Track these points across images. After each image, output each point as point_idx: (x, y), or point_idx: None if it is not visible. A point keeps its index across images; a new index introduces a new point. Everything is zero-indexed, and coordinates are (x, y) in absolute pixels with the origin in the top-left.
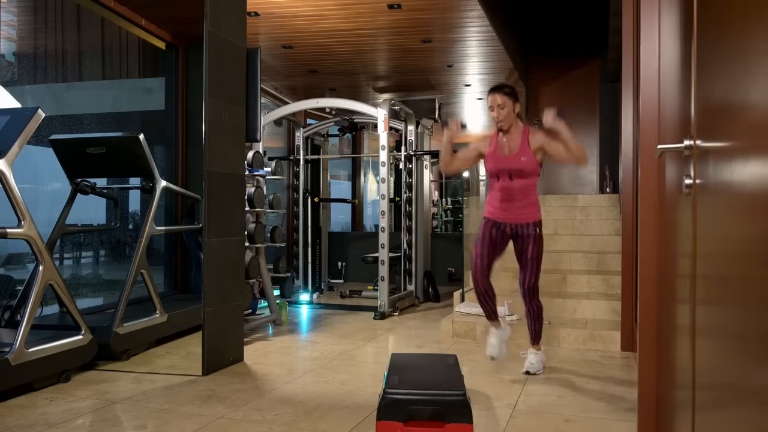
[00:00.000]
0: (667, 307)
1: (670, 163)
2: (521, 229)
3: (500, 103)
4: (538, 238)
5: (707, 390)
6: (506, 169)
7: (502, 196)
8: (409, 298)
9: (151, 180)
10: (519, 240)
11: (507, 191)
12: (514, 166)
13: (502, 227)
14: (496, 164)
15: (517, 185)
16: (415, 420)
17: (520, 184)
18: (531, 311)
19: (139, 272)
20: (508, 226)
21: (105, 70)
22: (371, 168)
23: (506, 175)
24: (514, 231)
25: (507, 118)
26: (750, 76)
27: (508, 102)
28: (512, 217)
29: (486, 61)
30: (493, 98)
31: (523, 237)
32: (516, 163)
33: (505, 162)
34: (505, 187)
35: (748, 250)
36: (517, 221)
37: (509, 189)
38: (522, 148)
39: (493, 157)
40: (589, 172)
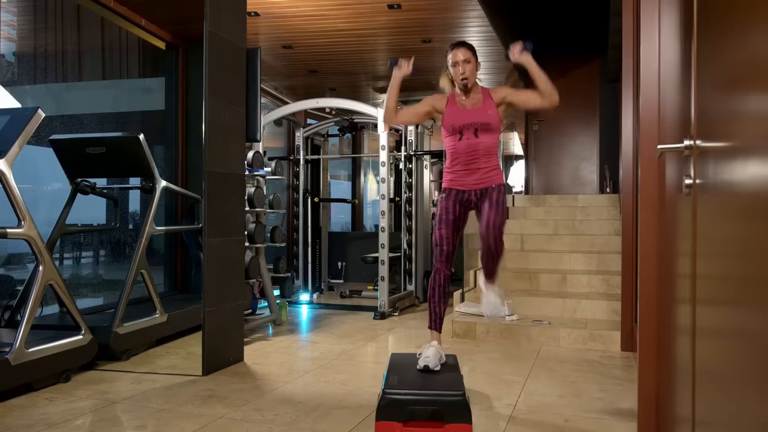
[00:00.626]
0: (667, 307)
1: (670, 163)
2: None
3: (465, 57)
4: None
5: (707, 390)
6: (471, 124)
7: (467, 158)
8: (409, 298)
9: (151, 180)
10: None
11: (472, 151)
12: (481, 120)
13: (466, 195)
14: (460, 119)
15: (484, 143)
16: (415, 420)
17: (487, 141)
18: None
19: (139, 272)
20: (473, 192)
21: (105, 70)
22: (371, 168)
23: (471, 130)
24: (478, 196)
25: (472, 74)
26: (750, 76)
27: (472, 58)
28: (478, 181)
29: (486, 61)
30: (456, 53)
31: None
32: (482, 116)
33: (469, 116)
34: (470, 145)
35: (748, 250)
36: (483, 185)
37: (475, 147)
38: (485, 102)
39: (455, 112)
40: (589, 172)
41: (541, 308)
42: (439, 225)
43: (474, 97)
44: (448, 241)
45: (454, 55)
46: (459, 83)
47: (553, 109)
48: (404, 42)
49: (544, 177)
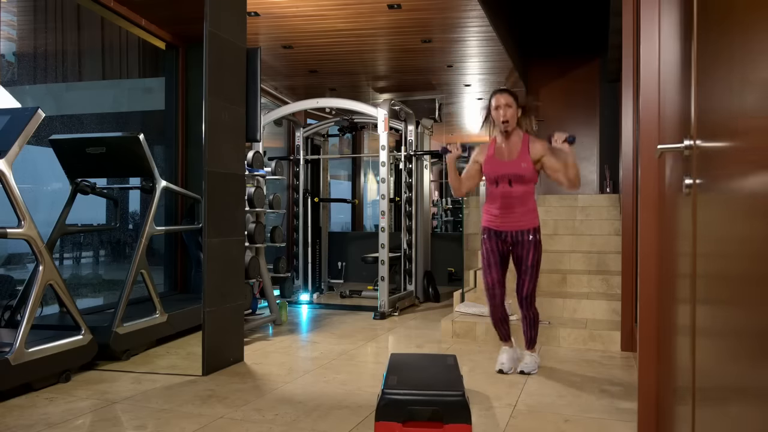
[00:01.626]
0: (667, 307)
1: (670, 163)
2: (521, 236)
3: (507, 102)
4: (538, 244)
5: (707, 390)
6: (506, 175)
7: (502, 203)
8: (409, 298)
9: (151, 180)
10: (518, 247)
11: (506, 198)
12: (514, 172)
13: (503, 236)
14: (496, 169)
15: (517, 192)
16: (414, 420)
17: (520, 190)
18: (528, 318)
19: (139, 272)
20: (509, 234)
21: (105, 70)
22: (371, 168)
23: (506, 181)
24: (514, 238)
25: (513, 118)
26: (750, 76)
27: (513, 103)
28: (512, 224)
29: (486, 61)
30: (498, 98)
31: (523, 243)
32: (516, 169)
33: (504, 167)
34: (504, 193)
35: (748, 250)
36: (517, 228)
37: (509, 195)
38: (522, 154)
39: (492, 162)
40: (589, 172)
41: (541, 308)
42: (488, 269)
43: (513, 143)
44: (499, 285)
45: (497, 99)
46: (500, 126)
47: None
48: (404, 42)
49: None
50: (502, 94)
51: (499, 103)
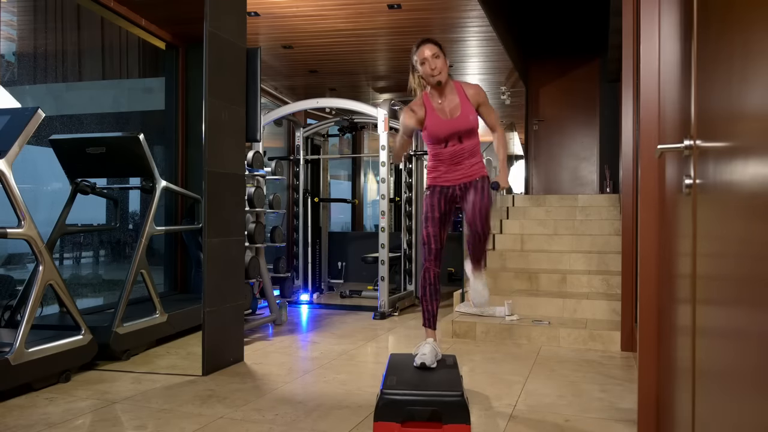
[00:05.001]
0: (667, 307)
1: (670, 163)
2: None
3: (433, 52)
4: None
5: (707, 390)
6: (456, 133)
7: (452, 160)
8: (409, 298)
9: (151, 180)
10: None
11: (457, 154)
12: (464, 127)
13: (450, 191)
14: (443, 130)
15: (468, 146)
16: (413, 421)
17: (470, 143)
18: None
19: (139, 272)
20: (457, 187)
21: (105, 70)
22: (371, 168)
23: (456, 138)
24: (462, 189)
25: (443, 69)
26: (750, 75)
27: (440, 52)
28: (460, 178)
29: (486, 61)
30: (423, 50)
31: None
32: (465, 124)
33: (452, 125)
34: (455, 150)
35: (748, 250)
36: (466, 180)
37: (460, 151)
38: (464, 105)
39: (437, 123)
40: (589, 172)
41: (541, 308)
42: (425, 223)
43: (450, 97)
44: (436, 239)
45: (421, 52)
46: (431, 81)
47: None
48: (404, 42)
49: (544, 177)
50: (425, 45)
51: (424, 55)
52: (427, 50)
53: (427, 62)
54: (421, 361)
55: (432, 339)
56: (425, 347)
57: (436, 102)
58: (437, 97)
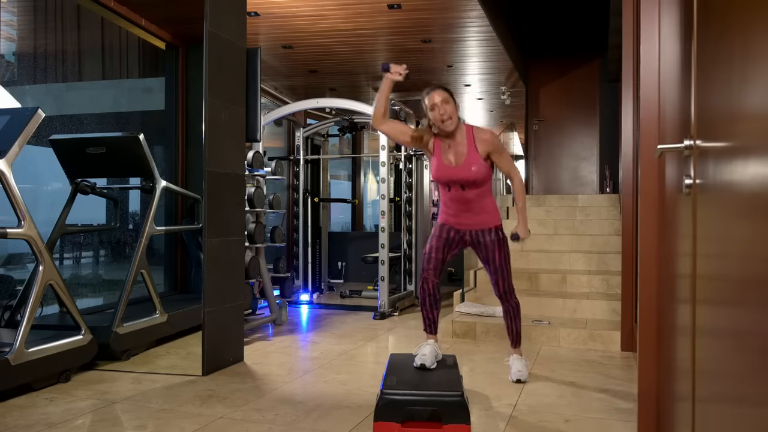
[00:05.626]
0: (667, 307)
1: (670, 163)
2: (481, 236)
3: (442, 98)
4: (503, 242)
5: (707, 390)
6: (457, 181)
7: (458, 206)
8: (409, 298)
9: (151, 180)
10: (482, 248)
11: (461, 201)
12: (465, 177)
13: (461, 233)
14: (445, 175)
15: (471, 195)
16: (413, 421)
17: (474, 193)
18: (509, 311)
19: (139, 272)
20: (467, 233)
21: (105, 70)
22: (371, 168)
23: (458, 186)
24: (475, 238)
25: (453, 116)
26: (750, 75)
27: (449, 98)
28: (471, 224)
29: (486, 61)
30: (433, 96)
31: (486, 244)
32: (466, 174)
33: (454, 173)
34: (458, 197)
35: (749, 250)
36: (477, 228)
37: (464, 198)
38: (470, 155)
39: (440, 167)
40: (589, 172)
41: (541, 308)
42: (431, 239)
43: (458, 143)
44: (437, 251)
45: (431, 98)
46: (441, 126)
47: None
48: (404, 42)
49: (544, 177)
50: (435, 91)
51: (434, 101)
52: (437, 96)
53: (436, 108)
54: (421, 362)
55: (433, 340)
56: (425, 348)
57: (444, 147)
58: (446, 142)
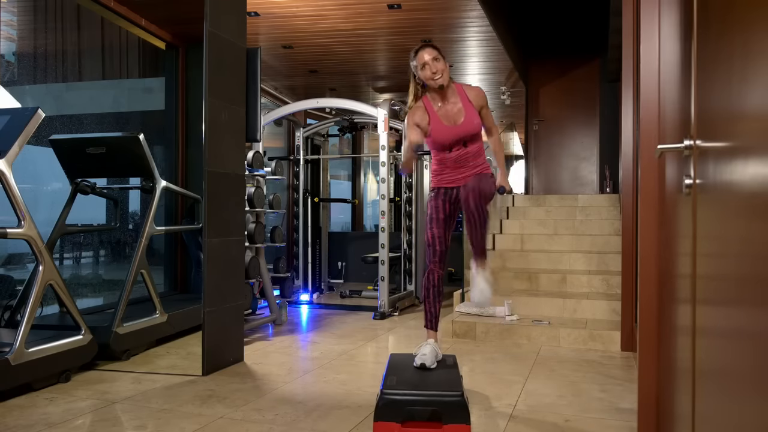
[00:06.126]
0: (667, 307)
1: (670, 163)
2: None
3: (432, 56)
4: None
5: (707, 390)
6: (461, 138)
7: (456, 164)
8: (409, 298)
9: (151, 180)
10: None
11: (462, 158)
12: (469, 132)
13: (455, 191)
14: (448, 136)
15: (472, 149)
16: (413, 421)
17: (475, 146)
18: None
19: (139, 272)
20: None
21: (105, 70)
22: (371, 168)
23: (461, 144)
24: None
25: (444, 71)
26: (750, 75)
27: (439, 55)
28: (466, 177)
29: (486, 61)
30: (422, 55)
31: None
32: (469, 129)
33: (456, 131)
34: (460, 155)
35: (748, 250)
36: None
37: (465, 155)
38: (467, 110)
39: (440, 130)
40: (589, 172)
41: (541, 308)
42: (430, 225)
43: (452, 101)
44: (440, 241)
45: (420, 57)
46: (433, 84)
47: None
48: (404, 42)
49: (544, 177)
50: (423, 50)
51: (424, 59)
52: (426, 54)
53: (427, 66)
54: (421, 362)
55: (433, 340)
56: (426, 348)
57: (437, 106)
58: (438, 100)
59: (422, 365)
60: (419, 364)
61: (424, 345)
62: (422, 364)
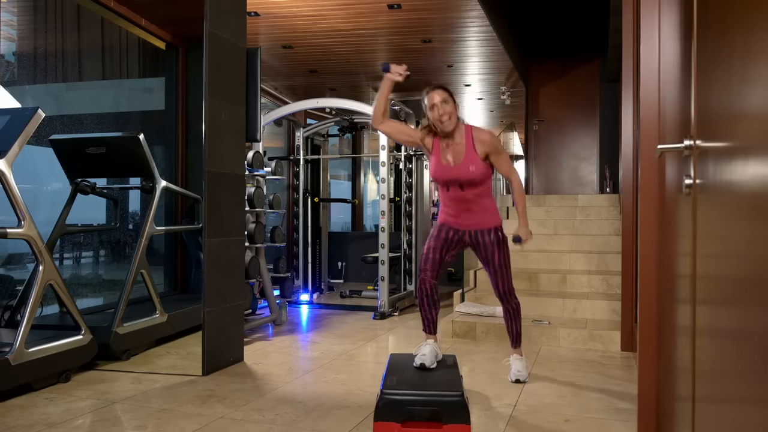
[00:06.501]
0: (667, 307)
1: (670, 163)
2: (481, 237)
3: (442, 98)
4: (502, 242)
5: (707, 390)
6: (455, 180)
7: (457, 206)
8: (409, 298)
9: (151, 180)
10: (482, 248)
11: (461, 201)
12: (464, 177)
13: (460, 233)
14: (444, 175)
15: (470, 195)
16: (413, 421)
17: (473, 193)
18: (509, 311)
19: (139, 272)
20: (467, 233)
21: (105, 70)
22: (371, 168)
23: (456, 185)
24: (474, 239)
25: (452, 114)
26: (750, 75)
27: (449, 98)
28: (470, 224)
29: (486, 61)
30: (432, 96)
31: (485, 245)
32: (464, 174)
33: (452, 173)
34: (457, 197)
35: (749, 250)
36: (476, 228)
37: (463, 198)
38: (468, 155)
39: (439, 167)
40: (589, 172)
41: (541, 308)
42: (429, 239)
43: (457, 143)
44: (435, 251)
45: (431, 98)
46: (440, 126)
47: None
48: (404, 42)
49: (544, 177)
50: (434, 91)
51: (433, 101)
52: (436, 96)
53: (436, 107)
54: (421, 362)
55: (432, 340)
56: (425, 348)
57: (443, 143)
58: (445, 141)
59: (422, 365)
60: (419, 365)
61: (423, 345)
62: (422, 364)
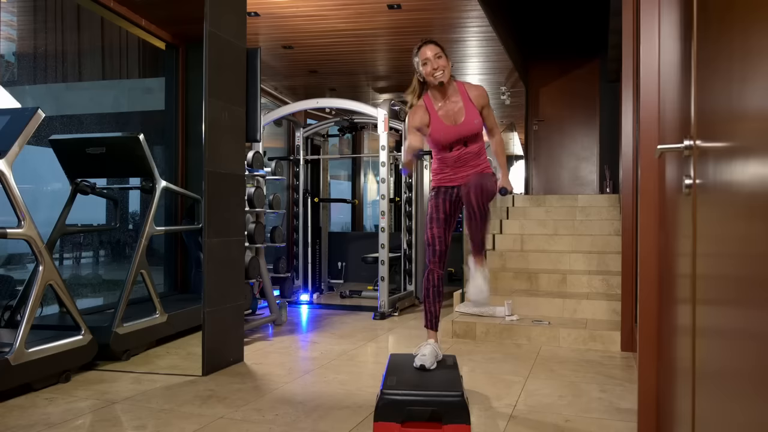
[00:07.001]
0: (667, 307)
1: (670, 163)
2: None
3: (434, 52)
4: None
5: (707, 390)
6: (461, 138)
7: (457, 163)
8: (409, 298)
9: (151, 180)
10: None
11: (462, 157)
12: (469, 132)
13: (455, 190)
14: (448, 136)
15: (473, 149)
16: (413, 421)
17: (476, 146)
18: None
19: (139, 272)
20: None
21: (105, 70)
22: (371, 168)
23: (461, 143)
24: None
25: (446, 68)
26: (750, 75)
27: (441, 52)
28: (466, 176)
29: (486, 61)
30: (424, 51)
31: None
32: (470, 128)
33: (457, 131)
34: (461, 154)
35: (748, 250)
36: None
37: (465, 154)
38: (468, 109)
39: (441, 130)
40: (589, 172)
41: (541, 308)
42: (430, 224)
43: (453, 99)
44: (440, 241)
45: (423, 53)
46: (434, 81)
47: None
48: (404, 42)
49: (544, 177)
50: (426, 46)
51: (426, 55)
52: (428, 50)
53: (429, 62)
54: (421, 363)
55: (433, 340)
56: (426, 348)
57: (438, 105)
58: (439, 99)
59: (422, 366)
60: (419, 365)
61: (424, 345)
62: (422, 365)
